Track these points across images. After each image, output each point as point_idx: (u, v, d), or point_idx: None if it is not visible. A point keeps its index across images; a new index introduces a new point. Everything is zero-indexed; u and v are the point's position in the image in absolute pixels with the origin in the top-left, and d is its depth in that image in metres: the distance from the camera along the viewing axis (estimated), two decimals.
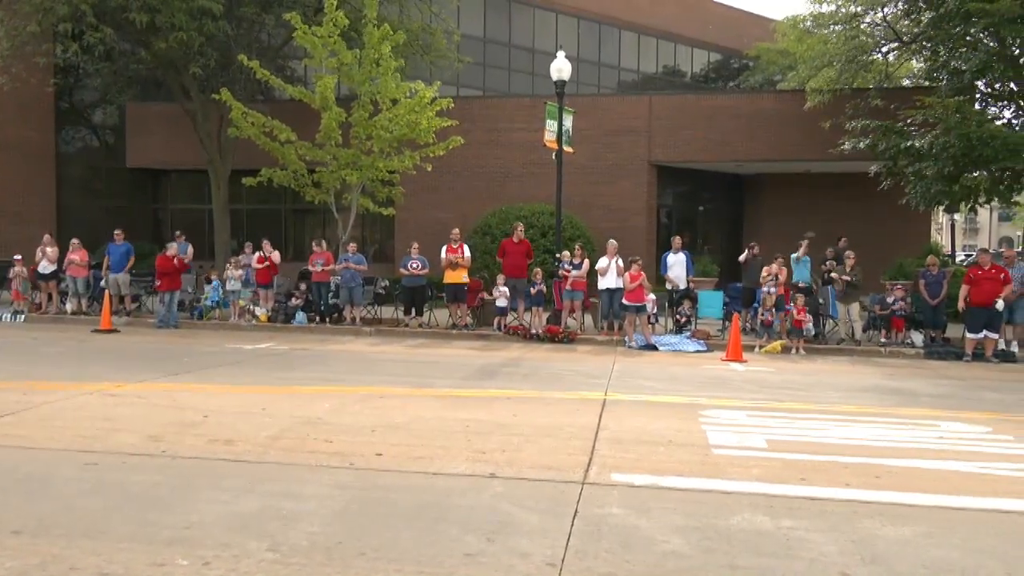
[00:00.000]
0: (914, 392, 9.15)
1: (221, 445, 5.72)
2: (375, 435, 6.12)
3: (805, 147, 19.25)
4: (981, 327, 12.00)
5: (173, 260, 14.56)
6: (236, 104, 15.45)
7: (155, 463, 5.24)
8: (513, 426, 6.58)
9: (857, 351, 12.92)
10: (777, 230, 20.23)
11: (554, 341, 13.37)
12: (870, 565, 3.69)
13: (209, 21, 16.81)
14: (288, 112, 17.04)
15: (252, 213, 22.84)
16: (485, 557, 3.69)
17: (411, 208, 19.50)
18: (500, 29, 27.82)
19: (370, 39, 15.07)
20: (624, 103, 21.69)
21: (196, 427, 6.28)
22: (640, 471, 5.24)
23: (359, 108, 15.30)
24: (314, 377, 9.15)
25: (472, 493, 4.68)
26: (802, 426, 6.89)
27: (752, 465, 5.49)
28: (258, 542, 3.81)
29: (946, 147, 13.45)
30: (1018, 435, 6.67)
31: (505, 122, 20.68)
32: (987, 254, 12.87)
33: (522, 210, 17.81)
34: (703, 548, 3.85)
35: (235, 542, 3.81)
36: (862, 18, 18.53)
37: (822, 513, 4.45)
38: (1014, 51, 14.57)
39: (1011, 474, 5.41)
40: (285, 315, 15.34)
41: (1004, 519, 4.48)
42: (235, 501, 4.43)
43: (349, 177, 15.39)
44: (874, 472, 5.34)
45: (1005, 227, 57.52)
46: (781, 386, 9.34)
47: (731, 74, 32.86)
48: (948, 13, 14.43)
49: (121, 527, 4.01)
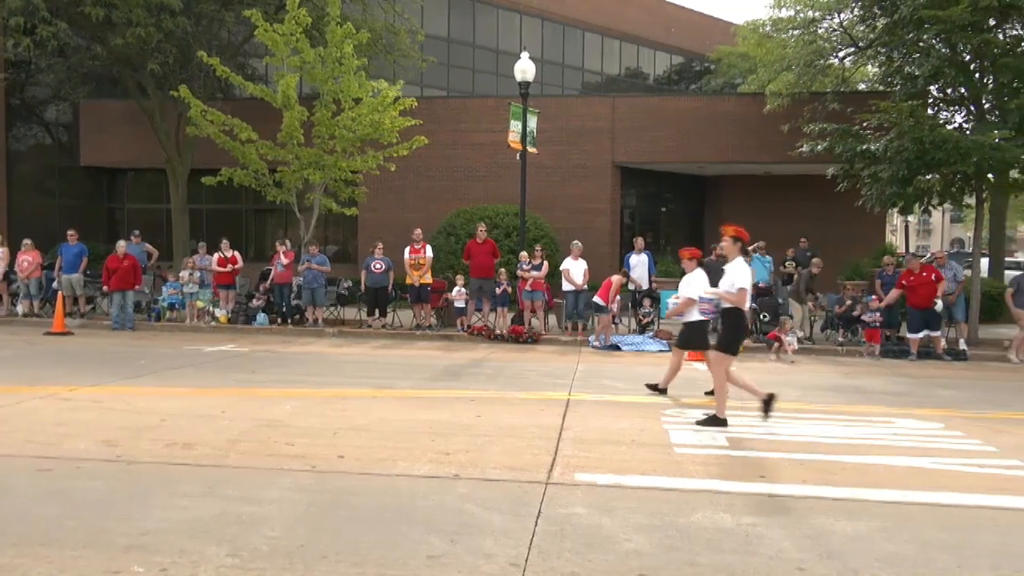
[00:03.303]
0: (870, 390, 9.36)
1: (179, 449, 5.62)
2: (337, 437, 6.07)
3: (765, 149, 19.57)
4: (920, 327, 12.45)
5: (123, 260, 14.25)
6: (195, 102, 15.19)
7: (111, 468, 5.13)
8: (477, 427, 6.58)
9: (816, 350, 13.17)
10: None
11: (518, 342, 13.39)
12: (826, 560, 3.76)
13: (167, 17, 16.48)
14: (249, 111, 16.80)
15: (212, 213, 22.46)
16: (448, 558, 3.68)
17: (374, 208, 19.37)
18: (464, 29, 27.78)
19: (332, 37, 14.93)
20: (588, 104, 21.83)
21: (153, 431, 6.16)
22: (603, 471, 5.28)
23: (321, 107, 15.15)
24: (275, 379, 9.04)
25: (436, 494, 4.67)
26: (762, 424, 6.99)
27: (713, 463, 5.56)
28: (217, 547, 3.75)
29: (900, 150, 13.77)
30: (969, 431, 6.86)
31: (469, 122, 20.66)
32: (916, 259, 13.36)
33: (486, 211, 17.81)
34: (665, 546, 3.90)
35: (193, 548, 3.75)
36: (819, 23, 18.87)
37: (780, 510, 4.53)
38: (965, 57, 14.98)
39: (962, 469, 5.56)
40: (246, 316, 15.12)
41: (954, 513, 4.61)
42: (194, 506, 4.36)
43: (311, 177, 15.24)
44: (830, 469, 5.46)
45: (957, 228, 59.17)
46: None
47: (693, 77, 33.26)
48: (902, 20, 14.78)
49: (75, 534, 3.92)
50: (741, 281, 6.90)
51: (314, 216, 16.06)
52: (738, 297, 6.91)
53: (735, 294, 6.91)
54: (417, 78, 23.43)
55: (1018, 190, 16.08)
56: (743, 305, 7.01)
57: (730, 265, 7.09)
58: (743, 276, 6.92)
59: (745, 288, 6.91)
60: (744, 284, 6.90)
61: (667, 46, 32.34)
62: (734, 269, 7.01)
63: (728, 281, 7.01)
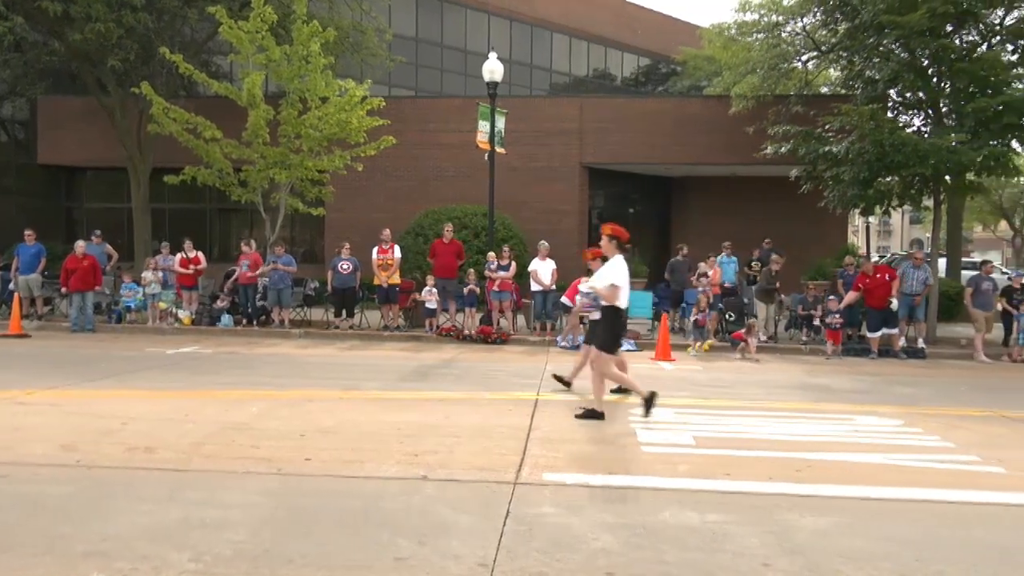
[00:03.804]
0: (832, 388, 9.53)
1: (141, 453, 5.51)
2: (304, 440, 6.00)
3: (730, 151, 19.81)
4: (879, 326, 12.76)
5: (82, 260, 13.95)
6: (157, 99, 14.93)
7: (69, 473, 5.01)
8: (445, 428, 6.56)
9: (780, 348, 13.37)
10: (704, 231, 20.80)
11: (487, 342, 13.38)
12: (790, 556, 3.82)
13: (128, 12, 16.16)
14: (213, 109, 16.55)
15: (175, 212, 22.07)
16: (416, 560, 3.66)
17: (341, 208, 19.21)
18: (432, 29, 27.70)
19: (299, 35, 14.78)
20: (556, 105, 21.91)
21: (114, 435, 6.03)
22: (571, 470, 5.29)
23: (288, 106, 14.98)
24: (241, 381, 8.92)
25: (403, 496, 4.64)
26: (727, 423, 7.09)
27: (680, 462, 5.61)
28: (179, 553, 3.68)
29: (861, 153, 14.05)
30: (927, 427, 7.02)
31: (437, 123, 20.60)
32: (869, 262, 13.68)
33: (455, 211, 17.76)
34: (632, 545, 3.92)
35: (155, 553, 3.67)
36: (783, 27, 19.15)
37: (746, 507, 4.59)
38: (923, 62, 15.32)
39: (920, 465, 5.68)
40: (210, 318, 14.89)
41: (914, 508, 4.71)
42: (155, 511, 4.27)
43: (277, 176, 15.06)
44: (794, 466, 5.54)
45: (916, 229, 60.47)
46: (708, 384, 9.58)
47: (660, 79, 33.56)
48: (862, 25, 15.08)
49: (32, 541, 3.81)
50: (615, 278, 7.03)
51: (280, 216, 15.88)
52: (611, 293, 7.04)
53: (608, 290, 7.04)
54: (385, 78, 23.30)
55: (974, 192, 16.51)
56: (616, 301, 7.11)
57: (608, 262, 7.20)
58: (618, 273, 7.05)
59: (618, 285, 7.04)
60: (618, 281, 7.03)
61: (634, 48, 32.60)
62: (610, 266, 7.13)
63: (604, 278, 7.13)
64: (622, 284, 7.06)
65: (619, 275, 7.05)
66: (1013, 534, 4.28)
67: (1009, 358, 12.68)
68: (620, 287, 7.05)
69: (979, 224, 45.31)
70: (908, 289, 13.15)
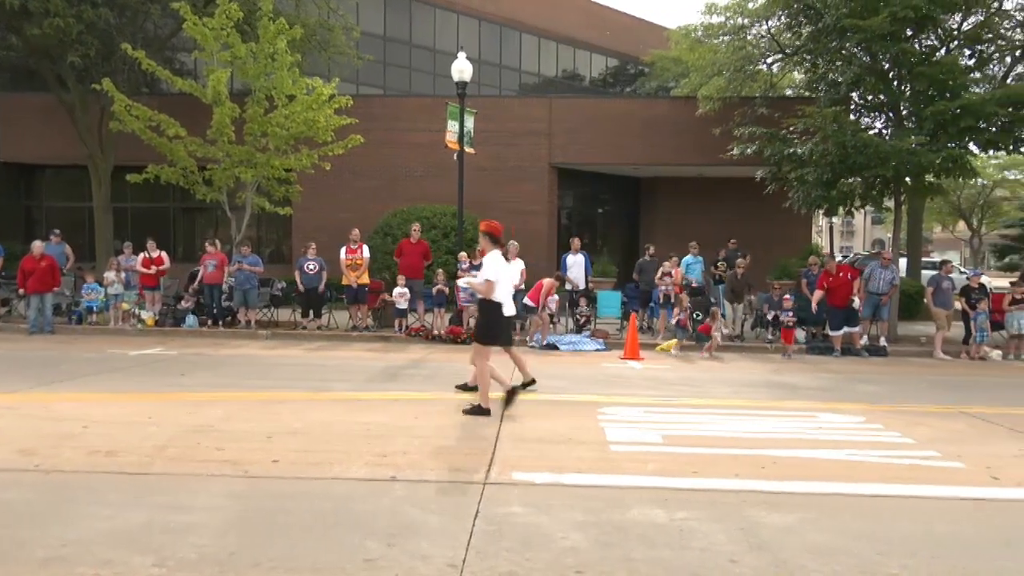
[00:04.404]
0: (796, 386, 9.68)
1: (102, 457, 5.40)
2: (271, 442, 5.93)
3: (697, 152, 20.03)
4: (841, 325, 12.98)
5: (40, 261, 13.63)
6: (119, 96, 14.65)
7: (28, 478, 4.89)
8: (415, 428, 6.53)
9: (747, 347, 13.55)
10: (672, 231, 21.00)
11: (456, 342, 13.34)
12: (756, 552, 3.87)
13: (88, 7, 15.84)
14: (177, 106, 16.28)
15: (138, 212, 21.67)
16: (385, 561, 3.64)
17: (309, 208, 19.03)
18: (401, 28, 27.56)
19: (265, 33, 14.61)
20: (525, 105, 21.94)
21: (74, 439, 5.90)
22: (540, 469, 5.30)
23: (253, 104, 14.81)
24: (206, 383, 8.79)
25: (372, 498, 4.61)
26: (695, 421, 7.17)
27: (648, 460, 5.66)
28: (142, 557, 3.62)
29: (824, 154, 14.30)
30: (889, 424, 7.16)
31: (406, 122, 20.52)
32: (833, 260, 13.94)
33: (424, 211, 17.69)
34: (601, 543, 3.94)
35: (117, 559, 3.60)
36: (748, 30, 19.40)
37: (713, 504, 4.64)
38: (884, 66, 15.65)
39: (881, 461, 5.80)
40: (174, 319, 14.65)
41: (875, 503, 4.80)
42: (117, 516, 4.19)
43: (243, 175, 14.88)
44: (760, 463, 5.61)
45: (878, 230, 61.74)
46: (676, 383, 9.67)
47: (628, 79, 33.79)
48: (825, 28, 15.35)
49: None
50: (488, 273, 7.19)
51: (246, 215, 15.68)
52: (487, 288, 7.20)
53: (483, 284, 7.22)
54: (353, 76, 23.12)
55: (933, 193, 16.89)
56: (492, 295, 7.25)
57: (486, 258, 7.37)
58: (492, 268, 7.20)
59: (492, 280, 7.18)
60: (491, 276, 7.18)
61: (602, 49, 32.78)
62: (486, 261, 7.30)
63: (481, 273, 7.31)
64: (496, 279, 7.22)
65: (494, 270, 7.21)
66: (972, 527, 4.39)
67: (968, 355, 12.99)
68: (495, 282, 7.20)
69: (938, 225, 46.37)
70: (875, 289, 13.39)
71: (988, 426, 7.18)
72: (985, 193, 39.78)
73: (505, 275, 7.41)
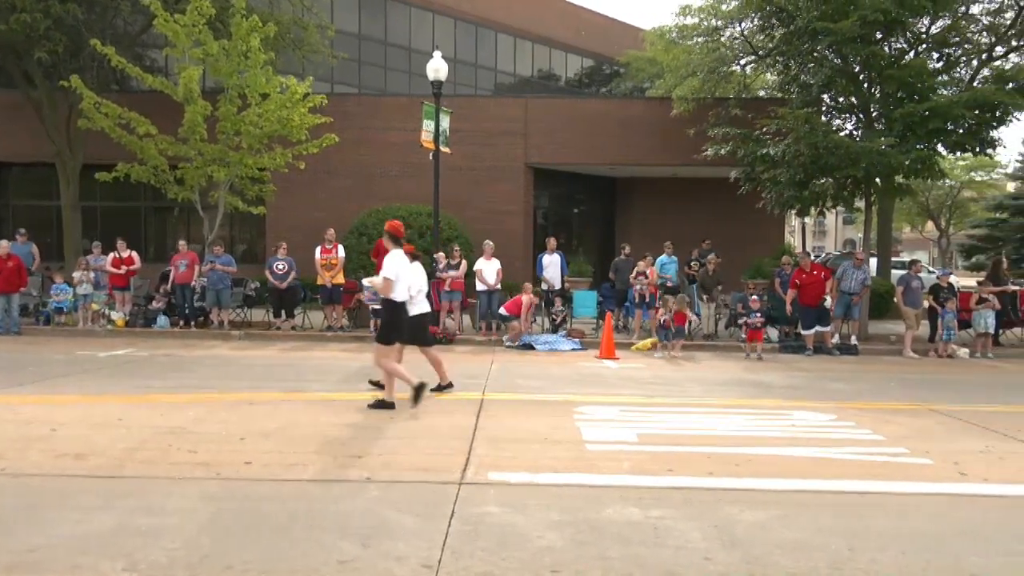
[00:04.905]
0: (769, 384, 9.78)
1: (71, 460, 5.31)
2: (244, 443, 5.87)
3: (672, 152, 20.17)
4: (813, 324, 13.12)
5: (7, 261, 13.36)
6: (88, 93, 14.42)
7: None
8: (390, 429, 6.51)
9: (720, 346, 13.66)
10: (647, 231, 21.13)
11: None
12: (730, 549, 3.90)
13: (56, 2, 15.54)
14: (148, 104, 16.04)
15: (107, 211, 21.32)
16: (360, 563, 3.62)
17: (283, 207, 18.87)
18: (376, 26, 27.42)
19: (238, 30, 14.44)
20: (501, 105, 21.94)
21: (42, 441, 5.79)
22: (516, 469, 5.31)
23: (226, 102, 14.63)
24: (178, 384, 8.67)
25: (347, 499, 4.58)
26: (670, 419, 7.22)
27: (623, 459, 5.68)
28: (112, 562, 3.56)
29: (797, 155, 14.48)
30: (859, 421, 7.27)
31: (382, 121, 20.42)
32: (807, 258, 14.11)
33: (399, 210, 17.58)
34: (576, 542, 3.95)
35: (86, 563, 3.55)
36: (722, 32, 19.57)
37: (687, 502, 4.67)
38: (855, 68, 15.88)
39: (853, 458, 5.88)
40: (145, 319, 14.45)
41: (847, 499, 4.87)
42: (87, 520, 4.12)
43: (216, 174, 14.71)
44: (734, 461, 5.67)
45: (849, 230, 62.63)
46: (651, 382, 9.73)
47: (603, 80, 33.93)
48: (797, 31, 15.53)
49: None
50: (388, 272, 7.32)
51: (219, 215, 15.51)
52: (385, 287, 7.34)
53: (381, 283, 7.36)
54: (327, 74, 22.96)
55: (902, 194, 17.17)
56: (391, 295, 7.38)
57: (386, 257, 7.46)
58: (390, 267, 7.33)
59: (390, 279, 7.31)
60: (390, 275, 7.31)
61: (578, 49, 32.87)
62: (386, 261, 7.40)
63: (382, 272, 7.42)
64: (395, 278, 7.34)
65: (392, 269, 7.32)
66: (940, 522, 4.47)
67: (936, 354, 13.22)
68: (393, 281, 7.32)
69: (907, 225, 47.23)
70: (847, 288, 13.56)
71: (955, 423, 7.31)
72: (953, 194, 40.61)
73: (406, 274, 7.52)
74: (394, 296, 7.41)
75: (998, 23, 17.67)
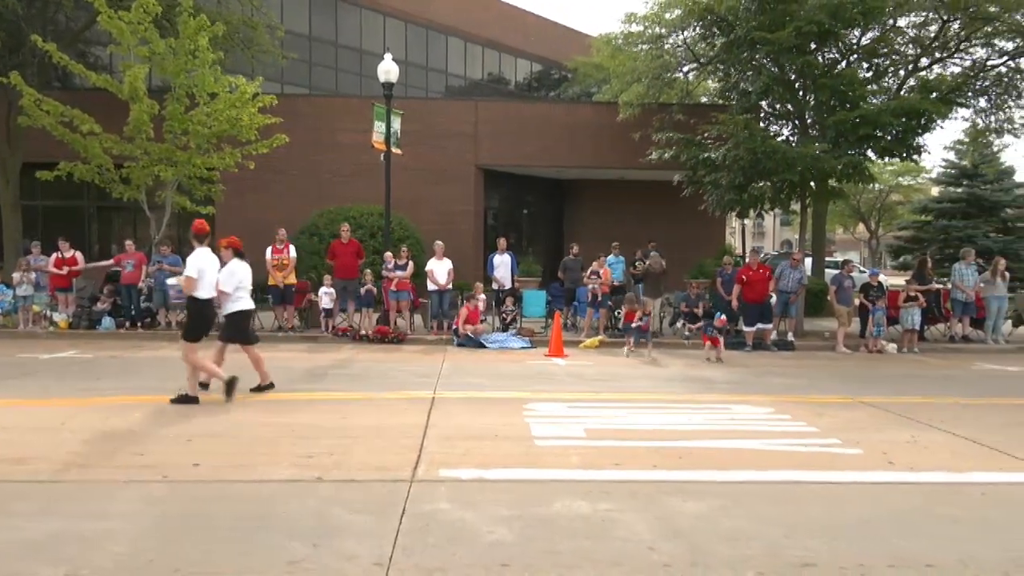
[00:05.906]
0: (711, 380, 10.05)
1: (10, 465, 5.20)
2: (192, 444, 5.83)
3: (618, 155, 20.51)
4: (755, 321, 13.57)
5: None
6: (28, 90, 14.01)
7: None
8: (341, 428, 6.52)
9: (665, 343, 13.95)
10: (594, 231, 21.44)
11: (384, 342, 13.30)
12: (674, 539, 4.05)
13: None
14: (92, 102, 15.61)
15: (49, 210, 20.65)
16: (310, 563, 3.65)
17: (232, 208, 18.54)
18: (326, 28, 27.17)
19: (185, 29, 14.19)
20: (452, 107, 22.01)
21: None
22: (467, 465, 5.39)
23: (173, 101, 14.36)
24: (123, 387, 8.52)
25: (297, 499, 4.60)
26: (616, 415, 7.39)
27: (572, 454, 5.82)
28: (54, 568, 3.52)
29: (736, 159, 14.90)
30: (795, 414, 7.54)
31: (333, 122, 20.26)
32: (756, 255, 14.55)
33: (351, 211, 17.47)
34: (526, 536, 4.05)
35: (25, 571, 3.50)
36: (666, 39, 19.91)
37: (633, 495, 4.81)
38: (791, 76, 16.41)
39: (789, 449, 6.12)
40: (90, 321, 14.09)
41: (784, 489, 5.09)
42: (26, 526, 4.06)
43: (163, 173, 14.43)
44: (677, 454, 5.85)
45: (786, 231, 64.37)
46: (598, 378, 9.91)
47: (552, 84, 34.24)
48: (737, 40, 15.99)
49: None
50: (190, 269, 7.56)
51: (166, 215, 15.21)
52: (188, 284, 7.58)
53: (185, 281, 7.61)
54: (277, 75, 22.69)
55: (835, 197, 17.77)
56: (195, 292, 7.61)
57: (191, 255, 7.70)
58: (192, 265, 7.56)
59: (192, 277, 7.55)
60: (192, 272, 7.55)
61: (527, 54, 33.12)
62: (189, 259, 7.65)
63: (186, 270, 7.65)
64: (198, 276, 7.52)
65: (195, 267, 7.50)
66: (870, 508, 4.69)
67: (866, 349, 13.73)
68: (195, 279, 7.51)
69: (840, 226, 48.77)
70: (785, 287, 14.02)
71: (884, 414, 7.65)
72: (882, 197, 42.27)
73: (212, 272, 7.65)
74: (198, 294, 7.56)
75: (923, 35, 18.45)
